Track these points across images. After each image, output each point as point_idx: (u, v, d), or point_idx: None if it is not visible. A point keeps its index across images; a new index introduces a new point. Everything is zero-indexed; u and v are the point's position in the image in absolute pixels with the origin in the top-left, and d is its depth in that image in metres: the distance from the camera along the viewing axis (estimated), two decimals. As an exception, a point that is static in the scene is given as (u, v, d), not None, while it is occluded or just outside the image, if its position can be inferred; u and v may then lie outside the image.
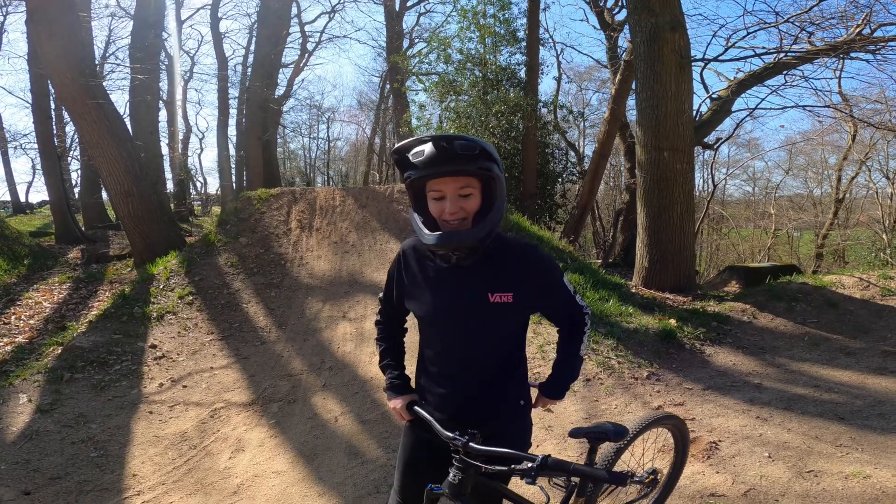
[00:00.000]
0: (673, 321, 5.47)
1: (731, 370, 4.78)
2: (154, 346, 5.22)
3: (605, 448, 2.09)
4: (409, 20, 22.34)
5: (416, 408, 1.71)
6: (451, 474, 1.48)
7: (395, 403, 1.77)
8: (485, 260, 1.57)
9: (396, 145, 1.53)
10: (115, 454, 3.64)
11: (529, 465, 1.37)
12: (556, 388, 1.80)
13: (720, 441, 3.49)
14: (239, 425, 4.03)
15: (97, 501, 3.15)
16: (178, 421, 4.11)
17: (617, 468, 2.04)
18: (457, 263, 1.57)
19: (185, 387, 4.62)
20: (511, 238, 1.64)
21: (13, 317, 6.91)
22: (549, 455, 1.39)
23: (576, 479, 1.76)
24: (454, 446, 1.50)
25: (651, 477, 2.14)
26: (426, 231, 1.53)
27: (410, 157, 1.48)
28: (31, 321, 6.81)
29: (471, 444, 1.46)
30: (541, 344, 4.95)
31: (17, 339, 6.02)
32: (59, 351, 5.01)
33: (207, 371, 4.90)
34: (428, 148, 1.44)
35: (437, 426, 1.58)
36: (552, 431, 3.75)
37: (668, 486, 2.46)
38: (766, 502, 2.84)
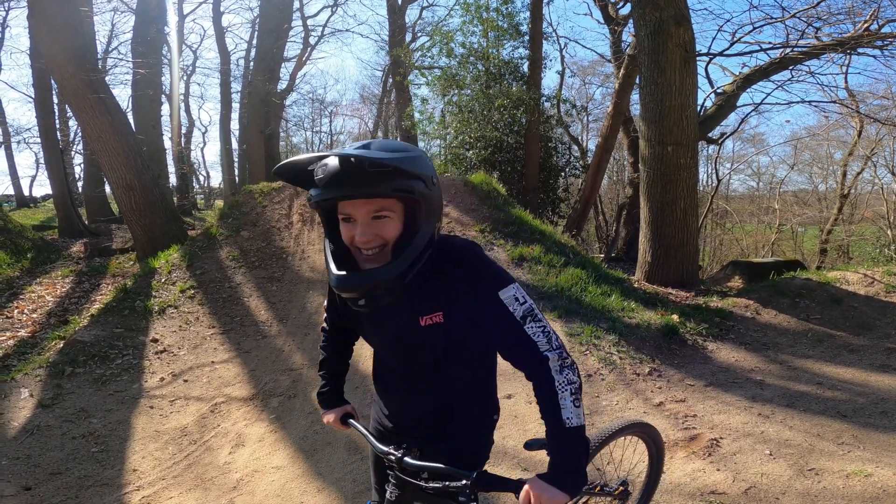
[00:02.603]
0: (675, 317, 5.45)
1: (734, 367, 4.76)
2: (155, 341, 5.22)
3: None
4: (411, 14, 22.24)
5: (351, 420, 1.65)
6: (388, 491, 1.42)
7: (328, 418, 1.69)
8: (417, 275, 1.28)
9: (291, 161, 1.24)
10: (116, 449, 3.65)
11: (464, 482, 1.26)
12: (550, 476, 1.26)
13: (721, 438, 3.47)
14: (239, 420, 4.04)
15: (97, 497, 3.16)
16: (178, 416, 4.11)
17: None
18: (372, 308, 1.27)
19: (185, 381, 4.63)
20: (451, 240, 1.36)
21: (16, 310, 6.92)
22: (486, 470, 1.30)
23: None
24: (388, 461, 1.41)
25: (621, 488, 2.02)
26: (332, 268, 1.26)
27: (313, 170, 1.21)
28: (34, 315, 6.82)
29: (405, 458, 1.36)
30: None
31: (19, 333, 6.02)
32: (61, 345, 5.02)
33: (208, 365, 4.90)
34: (332, 162, 1.17)
35: (373, 441, 1.48)
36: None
37: (644, 497, 2.39)
38: (766, 500, 2.83)
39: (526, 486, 1.24)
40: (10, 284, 8.22)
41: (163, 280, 6.37)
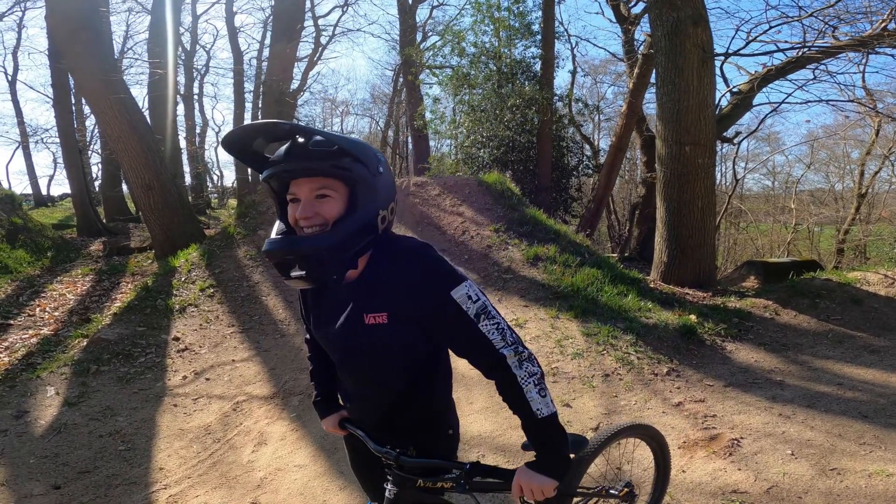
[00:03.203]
0: (693, 317, 5.43)
1: (753, 367, 4.74)
2: (177, 339, 5.30)
3: None
4: (422, 13, 22.27)
5: (347, 424, 1.69)
6: (387, 490, 1.45)
7: (325, 424, 1.73)
8: (366, 273, 1.33)
9: (230, 131, 1.28)
10: (142, 448, 3.71)
11: (456, 472, 1.33)
12: (536, 465, 1.33)
13: (742, 438, 3.47)
14: (261, 418, 4.09)
15: (126, 495, 3.21)
16: (201, 414, 4.18)
17: (586, 481, 1.91)
18: (302, 279, 1.26)
19: (207, 379, 4.69)
20: (404, 241, 1.37)
21: (38, 309, 7.06)
22: (478, 461, 1.37)
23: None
24: (386, 461, 1.45)
25: (626, 490, 2.03)
26: (271, 236, 1.30)
27: (267, 153, 1.30)
28: (56, 313, 6.95)
29: (402, 457, 1.41)
30: (559, 339, 4.95)
31: (42, 331, 6.14)
32: (85, 343, 5.11)
33: (229, 364, 4.97)
34: (285, 145, 1.26)
35: (370, 442, 1.50)
36: (571, 426, 3.75)
37: (654, 500, 2.39)
38: (788, 500, 2.83)
39: (516, 478, 1.32)
40: (31, 283, 8.38)
41: (183, 279, 6.46)
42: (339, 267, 1.26)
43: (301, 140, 1.22)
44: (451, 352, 1.46)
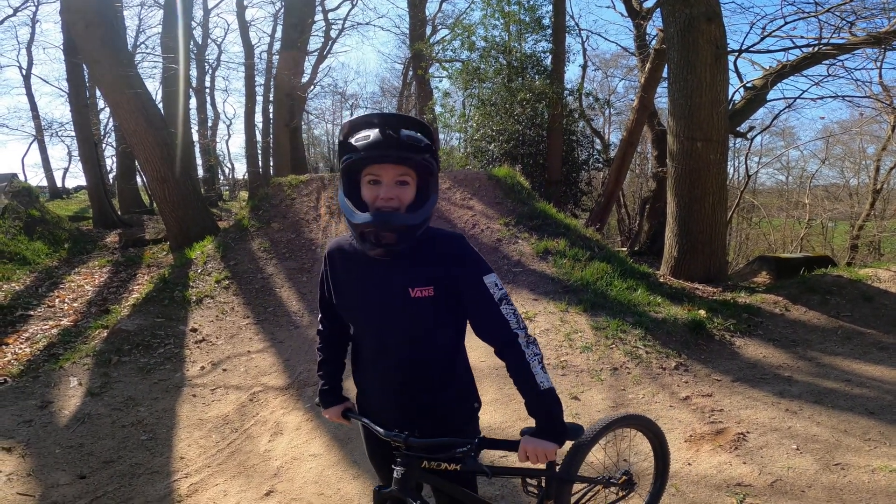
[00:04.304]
0: (702, 312, 5.46)
1: (762, 362, 4.77)
2: (195, 330, 5.43)
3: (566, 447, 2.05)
4: (431, 6, 22.21)
5: (350, 413, 1.76)
6: (395, 472, 1.52)
7: (329, 414, 1.80)
8: (409, 253, 1.50)
9: (346, 122, 1.47)
10: (164, 437, 3.83)
11: (468, 447, 1.45)
12: (538, 431, 1.51)
13: (748, 432, 3.52)
14: (277, 409, 4.20)
15: (149, 484, 3.32)
16: (219, 404, 4.30)
17: (583, 470, 2.00)
18: (385, 249, 1.45)
19: (224, 370, 4.81)
20: (438, 230, 1.57)
21: (57, 300, 7.22)
22: (484, 437, 1.50)
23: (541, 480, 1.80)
24: (395, 444, 1.53)
25: (624, 478, 2.13)
26: (357, 212, 1.45)
27: (353, 141, 1.43)
28: (75, 304, 7.11)
29: (411, 438, 1.50)
30: (568, 332, 5.00)
31: (62, 322, 6.30)
32: (105, 334, 5.25)
33: (245, 355, 5.09)
34: (374, 133, 1.40)
35: (376, 427, 1.59)
36: (579, 419, 3.82)
37: (656, 490, 2.46)
38: (792, 493, 2.88)
39: (521, 445, 1.49)
40: (49, 274, 8.55)
41: (199, 271, 6.59)
42: (414, 241, 1.47)
43: (392, 132, 1.39)
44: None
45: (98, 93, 16.08)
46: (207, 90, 26.90)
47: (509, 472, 1.76)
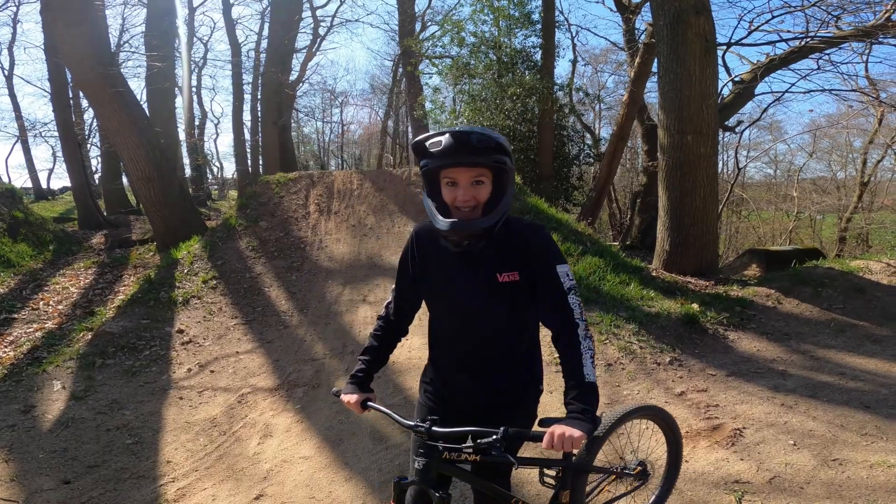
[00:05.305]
0: (695, 306, 5.44)
1: (756, 356, 4.75)
2: (181, 331, 5.32)
3: None
4: (420, 3, 22.07)
5: (370, 403, 1.75)
6: (416, 462, 1.54)
7: (349, 398, 1.77)
8: (494, 241, 1.62)
9: (418, 137, 1.60)
10: (149, 441, 3.73)
11: (494, 437, 1.44)
12: (571, 418, 1.51)
13: (744, 428, 3.49)
14: (266, 410, 4.12)
15: (135, 489, 3.23)
16: (207, 407, 4.20)
17: (598, 461, 2.04)
18: (466, 249, 1.62)
19: (212, 372, 4.72)
20: (519, 219, 1.69)
21: (41, 302, 7.07)
22: (509, 427, 1.48)
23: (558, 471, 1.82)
24: (418, 433, 1.57)
25: (639, 468, 2.16)
26: (440, 217, 1.59)
27: (428, 146, 1.55)
28: (60, 306, 6.96)
29: (433, 428, 1.54)
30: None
31: (46, 325, 6.16)
32: (90, 336, 5.13)
33: (233, 356, 4.99)
34: (446, 139, 1.51)
35: (398, 418, 1.64)
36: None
37: (668, 481, 2.46)
38: (791, 490, 2.85)
39: (550, 429, 1.49)
40: (34, 276, 8.38)
41: (185, 271, 6.47)
42: (489, 238, 1.60)
43: (462, 137, 1.50)
44: None
45: (82, 92, 15.82)
46: (194, 89, 26.60)
47: (530, 462, 1.76)
